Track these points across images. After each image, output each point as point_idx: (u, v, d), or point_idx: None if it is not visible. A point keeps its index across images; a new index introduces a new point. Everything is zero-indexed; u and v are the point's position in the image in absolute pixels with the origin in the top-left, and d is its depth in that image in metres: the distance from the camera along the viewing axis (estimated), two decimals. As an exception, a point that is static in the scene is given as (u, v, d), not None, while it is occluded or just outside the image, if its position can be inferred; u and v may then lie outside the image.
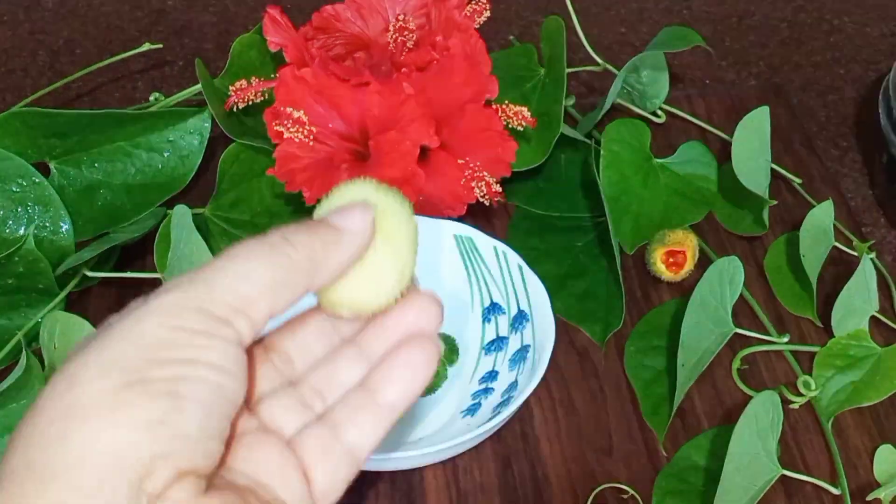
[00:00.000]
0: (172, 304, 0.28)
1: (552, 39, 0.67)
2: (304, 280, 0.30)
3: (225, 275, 0.29)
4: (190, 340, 0.28)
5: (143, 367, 0.27)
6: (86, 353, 0.28)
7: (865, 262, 0.59)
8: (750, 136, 0.65)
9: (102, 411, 0.26)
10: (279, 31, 0.63)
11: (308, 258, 0.30)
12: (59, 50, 0.87)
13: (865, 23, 0.89)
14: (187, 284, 0.29)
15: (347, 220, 0.32)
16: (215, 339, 0.28)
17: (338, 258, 0.31)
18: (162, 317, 0.28)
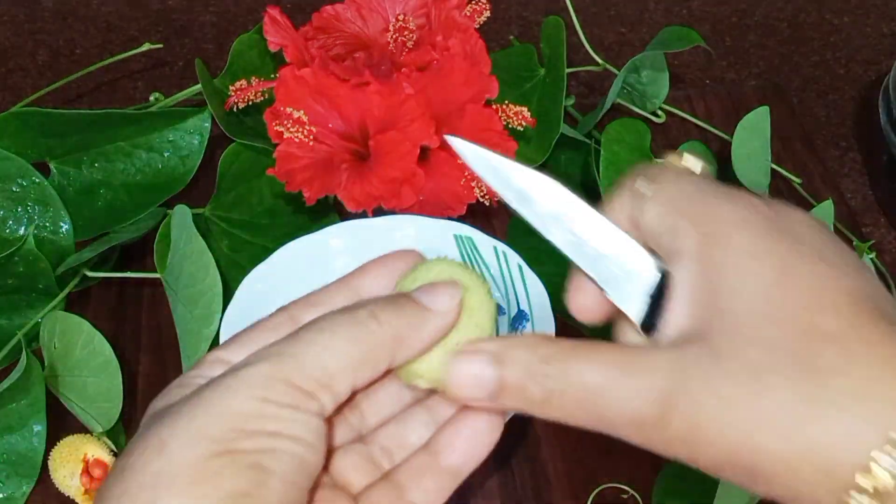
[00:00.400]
0: (261, 375, 0.29)
1: (552, 39, 0.67)
2: (388, 357, 0.31)
3: (312, 349, 0.30)
4: (277, 413, 0.29)
5: (231, 438, 0.28)
6: (176, 420, 0.29)
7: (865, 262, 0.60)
8: (750, 136, 0.65)
9: (190, 481, 0.27)
10: (279, 31, 0.63)
11: (393, 336, 0.31)
12: (59, 50, 0.87)
13: (865, 23, 0.89)
14: (276, 357, 0.29)
15: (435, 299, 0.32)
16: (300, 413, 0.29)
17: (422, 337, 0.32)
18: (251, 389, 0.29)
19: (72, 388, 0.57)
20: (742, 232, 0.30)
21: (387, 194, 0.59)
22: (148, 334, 0.65)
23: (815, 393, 0.27)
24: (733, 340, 0.28)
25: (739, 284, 0.29)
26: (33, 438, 0.56)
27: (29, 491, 0.56)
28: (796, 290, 0.29)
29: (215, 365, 0.32)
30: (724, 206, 0.31)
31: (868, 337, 0.27)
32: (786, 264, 0.29)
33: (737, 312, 0.29)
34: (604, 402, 0.30)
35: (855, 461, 0.26)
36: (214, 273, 0.56)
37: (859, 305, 0.28)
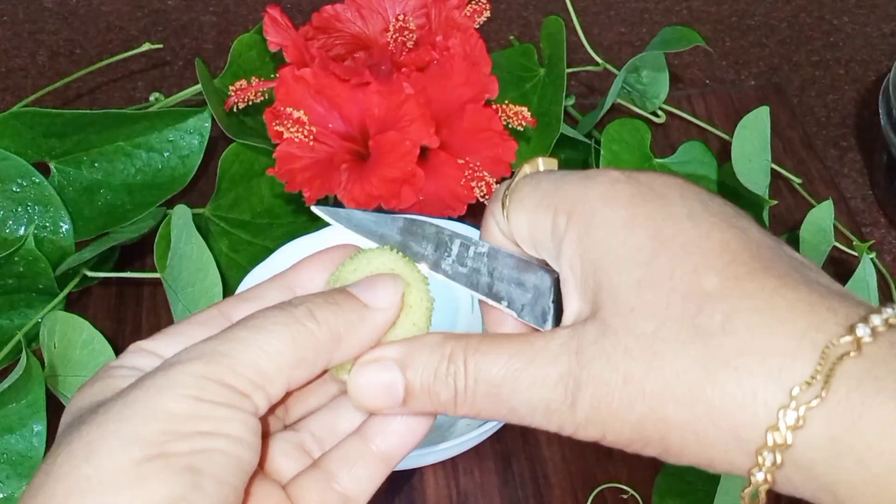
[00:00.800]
0: (194, 374, 0.28)
1: (552, 39, 0.67)
2: (325, 357, 0.30)
3: (247, 349, 0.29)
4: (210, 412, 0.28)
5: (164, 440, 0.27)
6: (105, 421, 0.27)
7: (865, 262, 0.59)
8: (750, 136, 0.65)
9: (122, 487, 0.26)
10: (279, 31, 0.63)
11: (331, 336, 0.30)
12: (59, 50, 0.87)
13: (865, 23, 0.89)
14: (209, 356, 0.28)
15: (376, 295, 0.31)
16: (235, 411, 0.28)
17: (362, 337, 0.31)
18: (183, 388, 0.28)
19: (72, 388, 0.57)
20: (608, 205, 0.30)
21: (387, 194, 0.59)
22: (148, 334, 0.64)
23: (708, 356, 0.27)
24: (622, 314, 0.28)
25: (616, 256, 0.29)
26: (33, 438, 0.56)
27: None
28: (671, 252, 0.28)
29: (138, 355, 0.31)
30: (585, 187, 0.30)
31: (751, 291, 0.27)
32: (657, 229, 0.29)
33: (620, 285, 0.29)
34: (511, 393, 0.29)
35: (760, 421, 0.26)
36: (214, 273, 0.56)
37: (736, 258, 0.28)
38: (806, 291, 0.27)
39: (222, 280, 0.56)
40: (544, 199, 0.31)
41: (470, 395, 0.30)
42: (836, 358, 0.26)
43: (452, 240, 0.34)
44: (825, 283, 0.29)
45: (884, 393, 0.25)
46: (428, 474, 0.57)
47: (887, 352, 0.26)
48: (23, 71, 0.85)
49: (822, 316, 0.27)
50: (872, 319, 0.26)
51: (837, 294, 0.28)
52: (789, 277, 0.28)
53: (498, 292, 0.33)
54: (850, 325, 0.26)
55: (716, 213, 0.29)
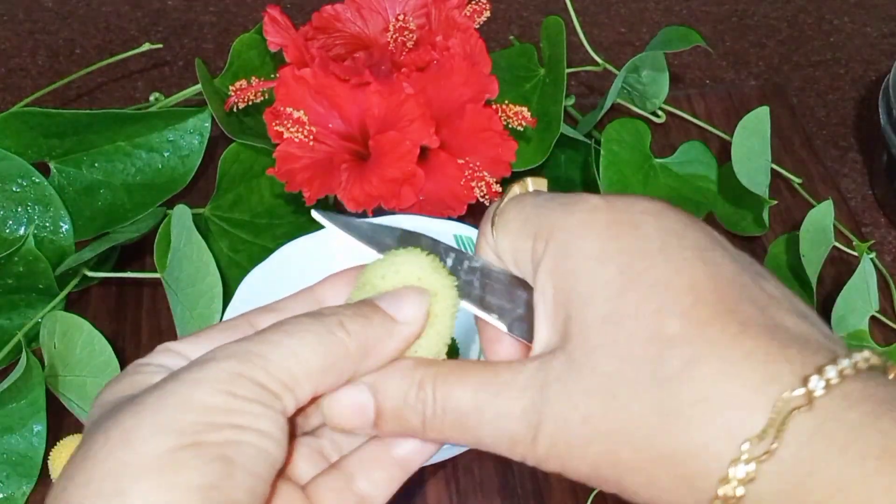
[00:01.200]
0: (228, 371, 0.29)
1: (552, 39, 0.67)
2: (352, 367, 0.31)
3: (280, 351, 0.29)
4: (243, 407, 0.28)
5: (198, 430, 0.28)
6: (141, 410, 0.28)
7: (865, 262, 0.59)
8: (750, 136, 0.65)
9: (158, 472, 0.27)
10: (279, 31, 0.63)
11: (359, 347, 0.31)
12: (59, 50, 0.87)
13: (865, 23, 0.89)
14: (244, 355, 0.29)
15: (402, 309, 0.32)
16: (266, 408, 0.29)
17: (389, 349, 0.31)
18: (218, 383, 0.28)
19: (72, 388, 0.57)
20: (584, 237, 0.30)
21: (387, 194, 0.59)
22: (148, 334, 0.65)
23: (665, 404, 0.27)
24: (587, 351, 0.28)
25: (587, 291, 0.29)
26: (33, 438, 0.56)
27: (29, 491, 0.56)
28: (639, 291, 0.28)
29: (166, 355, 0.32)
30: (565, 215, 0.30)
31: (711, 337, 0.27)
32: (629, 265, 0.29)
33: (587, 320, 0.29)
34: (477, 424, 0.30)
35: (713, 472, 0.26)
36: (214, 273, 0.56)
37: (700, 299, 0.28)
38: (766, 339, 0.27)
39: (222, 280, 0.56)
40: (526, 223, 0.31)
41: (438, 423, 0.31)
42: (787, 412, 0.25)
43: (447, 253, 0.34)
44: (791, 324, 0.28)
45: (833, 449, 0.25)
46: (428, 474, 0.57)
47: (839, 405, 0.26)
48: (23, 71, 0.85)
49: (777, 366, 0.26)
50: (827, 371, 0.26)
51: (799, 340, 0.27)
52: (752, 323, 0.27)
53: (489, 306, 0.33)
54: (804, 376, 0.26)
55: (689, 246, 0.29)
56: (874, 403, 0.26)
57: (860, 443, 0.25)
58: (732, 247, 0.31)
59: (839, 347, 0.28)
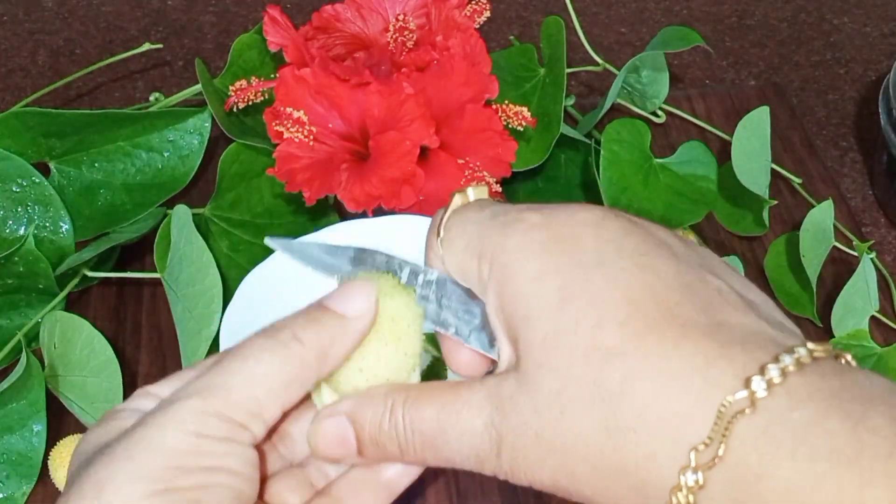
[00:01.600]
0: (193, 410, 0.29)
1: (552, 39, 0.67)
2: (314, 374, 0.32)
3: (240, 379, 0.30)
4: (211, 448, 0.29)
5: (169, 476, 0.28)
6: (112, 460, 0.29)
7: (865, 262, 0.59)
8: (750, 136, 0.65)
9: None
10: (279, 31, 0.63)
11: (317, 354, 0.31)
12: (59, 50, 0.87)
13: (865, 23, 0.89)
14: (206, 391, 0.30)
15: (350, 303, 0.32)
16: (234, 445, 0.29)
17: (344, 347, 0.32)
18: (184, 424, 0.29)
19: (72, 388, 0.57)
20: (523, 259, 0.30)
21: (387, 194, 0.59)
22: (148, 334, 0.65)
23: (610, 419, 0.27)
24: (532, 370, 0.29)
25: (529, 312, 0.29)
26: (33, 438, 0.56)
27: (29, 491, 0.56)
28: (578, 307, 0.28)
29: (143, 398, 0.33)
30: (504, 238, 0.31)
31: (649, 348, 0.27)
32: (567, 281, 0.29)
33: (532, 340, 0.29)
34: (444, 443, 0.31)
35: (664, 481, 0.26)
36: (214, 273, 0.56)
37: (640, 311, 0.28)
38: (706, 342, 0.27)
39: (222, 280, 0.56)
40: (470, 243, 0.32)
41: (411, 447, 0.31)
42: (731, 416, 0.25)
43: (402, 268, 0.35)
44: (736, 320, 0.28)
45: (781, 452, 0.25)
46: (428, 474, 0.57)
47: (783, 405, 0.25)
48: (23, 71, 0.85)
49: (718, 369, 0.26)
50: (769, 370, 0.25)
51: (742, 337, 0.27)
52: (691, 326, 0.27)
53: (445, 320, 0.34)
54: (746, 377, 0.26)
55: (627, 255, 0.29)
56: (819, 400, 0.25)
57: (808, 444, 0.24)
58: (680, 242, 0.31)
59: (788, 338, 0.27)
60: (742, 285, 0.30)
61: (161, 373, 0.62)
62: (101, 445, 0.30)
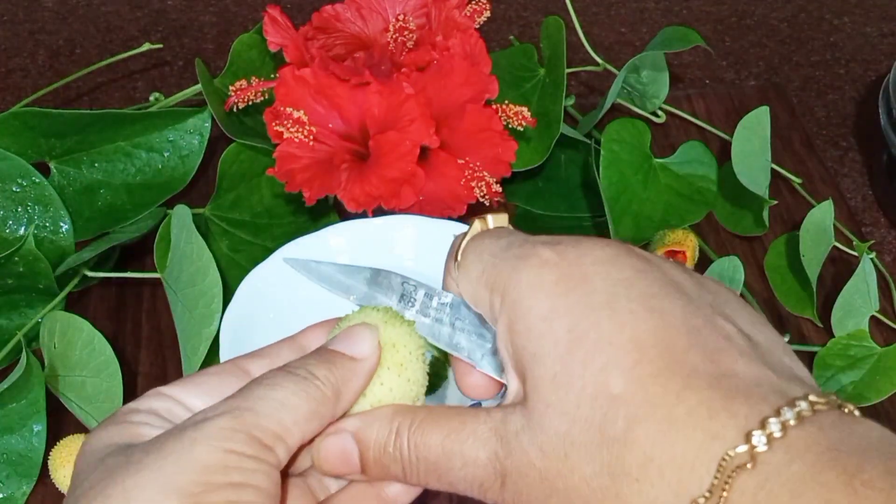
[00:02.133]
0: (224, 427, 0.30)
1: (552, 39, 0.67)
2: (331, 411, 0.32)
3: (269, 404, 0.31)
4: (240, 464, 0.29)
5: (198, 491, 0.28)
6: (141, 469, 0.29)
7: (865, 262, 0.59)
8: (750, 136, 0.65)
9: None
10: (279, 31, 0.63)
11: (333, 392, 0.32)
12: (59, 50, 0.87)
13: (865, 23, 0.89)
14: (237, 411, 0.30)
15: (357, 346, 0.33)
16: (261, 464, 0.30)
17: (356, 387, 0.33)
18: (215, 440, 0.29)
19: (72, 387, 0.57)
20: (534, 297, 0.30)
21: (387, 194, 0.59)
22: (148, 334, 0.65)
23: (613, 464, 0.27)
24: (540, 410, 0.29)
25: (538, 350, 0.29)
26: (33, 438, 0.56)
27: (29, 491, 0.56)
28: (586, 349, 0.28)
29: (155, 398, 0.33)
30: (516, 273, 0.31)
31: (654, 396, 0.27)
32: (576, 322, 0.29)
33: (538, 379, 0.29)
34: (447, 469, 0.31)
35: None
36: (214, 273, 0.56)
37: (644, 356, 0.28)
38: (710, 393, 0.27)
39: (222, 280, 0.56)
40: (484, 274, 0.32)
41: (414, 470, 0.32)
42: (732, 469, 0.25)
43: (417, 290, 0.36)
44: (742, 368, 0.28)
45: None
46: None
47: (782, 459, 0.25)
48: (23, 71, 0.85)
49: (721, 422, 0.26)
50: (770, 425, 0.26)
51: (747, 388, 0.27)
52: (697, 375, 0.27)
53: (458, 343, 0.34)
54: (747, 431, 0.26)
55: (637, 297, 0.29)
56: (817, 453, 0.25)
57: (804, 498, 0.24)
58: (692, 280, 0.31)
59: (792, 387, 0.27)
60: (752, 324, 0.30)
61: (161, 373, 0.62)
62: (115, 447, 0.30)
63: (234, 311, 0.55)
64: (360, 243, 0.60)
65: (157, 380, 0.62)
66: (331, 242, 0.59)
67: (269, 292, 0.57)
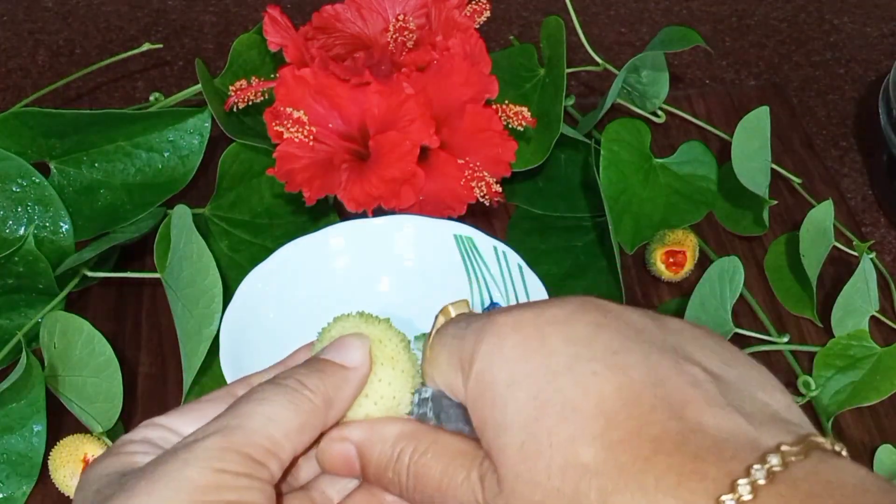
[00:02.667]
0: (214, 447, 0.30)
1: (552, 39, 0.67)
2: (322, 421, 0.33)
3: (258, 420, 0.31)
4: (233, 482, 0.30)
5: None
6: (134, 494, 0.29)
7: (865, 262, 0.60)
8: (750, 136, 0.65)
9: None
10: (279, 31, 0.63)
11: (324, 401, 0.33)
12: (59, 50, 0.87)
13: (865, 23, 0.89)
14: (226, 430, 0.31)
15: (347, 355, 0.34)
16: (254, 481, 0.30)
17: (348, 396, 0.34)
18: (206, 461, 0.30)
19: (72, 388, 0.57)
20: (494, 365, 0.30)
21: (387, 194, 0.59)
22: (148, 334, 0.65)
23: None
24: (512, 479, 0.29)
25: (503, 420, 0.29)
26: (33, 438, 0.56)
27: (29, 491, 0.56)
28: (552, 418, 0.28)
29: (150, 428, 0.33)
30: (477, 345, 0.31)
31: (623, 464, 0.27)
32: (539, 389, 0.29)
33: (508, 449, 0.29)
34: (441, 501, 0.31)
35: None
36: (214, 273, 0.56)
37: (613, 423, 0.27)
38: (677, 457, 0.26)
39: (222, 280, 0.56)
40: (451, 357, 0.32)
41: (411, 494, 0.32)
42: None
43: None
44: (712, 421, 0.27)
45: None
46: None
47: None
48: (23, 71, 0.85)
49: (690, 488, 0.26)
50: (739, 487, 0.25)
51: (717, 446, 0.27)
52: (665, 437, 0.27)
53: None
54: (717, 497, 0.25)
55: (598, 356, 0.29)
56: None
57: None
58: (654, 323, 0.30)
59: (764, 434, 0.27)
60: (721, 361, 0.29)
61: (161, 373, 0.62)
62: (110, 477, 0.30)
63: (234, 311, 0.55)
64: (360, 243, 0.60)
65: (157, 380, 0.62)
66: (331, 242, 0.59)
67: (269, 292, 0.57)
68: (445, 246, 0.60)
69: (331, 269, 0.60)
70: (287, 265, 0.58)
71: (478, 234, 0.60)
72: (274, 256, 0.58)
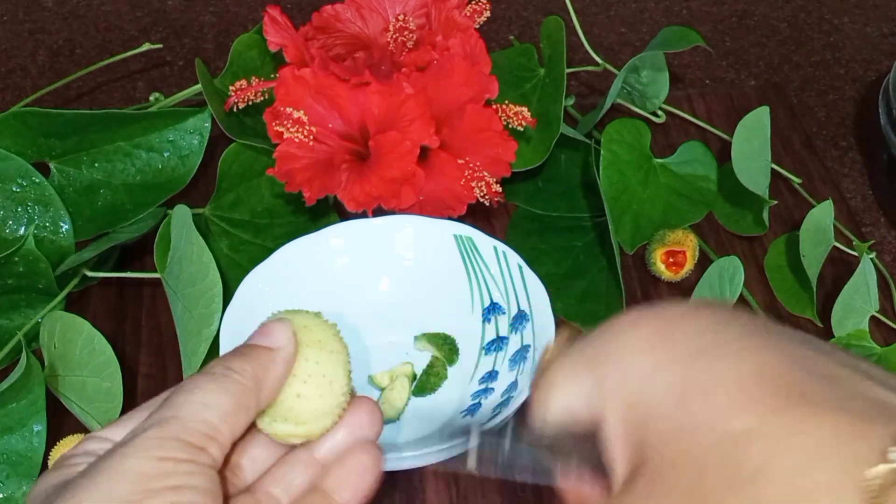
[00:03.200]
0: (153, 438, 0.31)
1: (552, 39, 0.67)
2: (255, 401, 0.34)
3: (191, 408, 0.32)
4: (175, 468, 0.30)
5: (138, 498, 0.29)
6: (77, 491, 0.30)
7: (865, 262, 0.60)
8: (750, 136, 0.65)
9: None
10: (279, 31, 0.63)
11: (254, 382, 0.34)
12: (59, 50, 0.87)
13: (865, 23, 0.89)
14: (162, 421, 0.32)
15: (272, 337, 0.35)
16: (196, 465, 0.31)
17: (276, 375, 0.35)
18: (147, 451, 0.30)
19: (72, 388, 0.57)
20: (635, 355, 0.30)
21: (387, 194, 0.59)
22: (148, 334, 0.65)
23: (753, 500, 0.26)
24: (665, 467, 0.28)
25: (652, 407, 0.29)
26: (33, 438, 0.56)
27: (29, 491, 0.56)
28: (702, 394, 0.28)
29: (91, 441, 0.34)
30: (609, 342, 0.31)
31: (780, 429, 0.26)
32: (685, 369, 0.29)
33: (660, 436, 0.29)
34: None
35: None
36: (214, 273, 0.56)
37: (765, 392, 0.27)
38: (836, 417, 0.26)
39: (222, 280, 0.56)
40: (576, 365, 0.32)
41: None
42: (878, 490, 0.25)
43: None
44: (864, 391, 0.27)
45: None
46: (428, 474, 0.57)
47: None
48: (23, 71, 0.85)
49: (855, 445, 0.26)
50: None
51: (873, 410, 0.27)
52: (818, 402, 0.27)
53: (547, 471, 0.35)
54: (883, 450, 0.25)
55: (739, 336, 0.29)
56: None
57: None
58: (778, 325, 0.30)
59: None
60: (855, 358, 0.30)
61: (161, 373, 0.62)
62: (56, 485, 0.31)
63: (234, 312, 0.55)
64: (360, 243, 0.60)
65: (157, 380, 0.62)
66: (331, 242, 0.59)
67: (269, 292, 0.57)
68: (445, 246, 0.60)
69: (331, 269, 0.60)
70: (287, 265, 0.58)
71: (478, 233, 0.60)
72: (274, 256, 0.58)
